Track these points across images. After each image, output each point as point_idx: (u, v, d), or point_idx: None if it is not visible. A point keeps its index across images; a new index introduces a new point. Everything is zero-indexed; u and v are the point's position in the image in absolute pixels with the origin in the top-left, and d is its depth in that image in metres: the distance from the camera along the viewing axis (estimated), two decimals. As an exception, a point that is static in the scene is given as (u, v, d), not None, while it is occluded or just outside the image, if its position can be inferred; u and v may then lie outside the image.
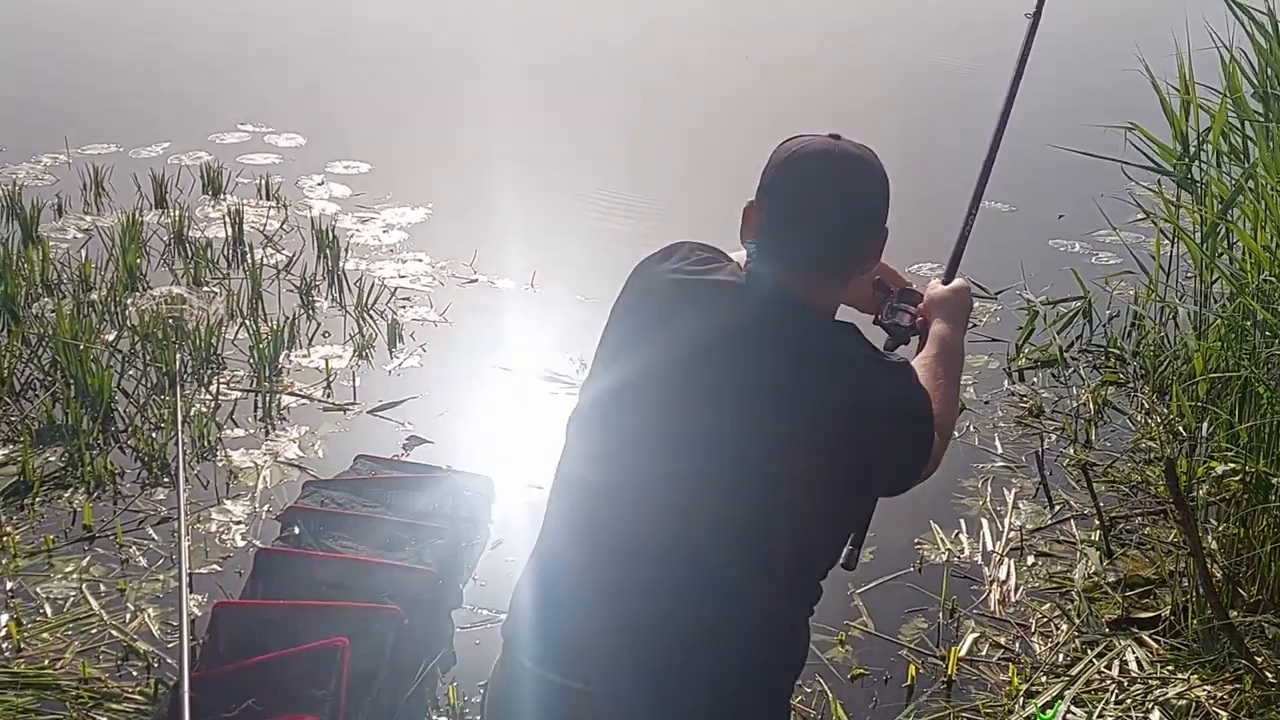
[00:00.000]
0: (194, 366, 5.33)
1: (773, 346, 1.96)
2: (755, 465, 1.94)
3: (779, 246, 2.01)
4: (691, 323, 2.00)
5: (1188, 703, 3.50)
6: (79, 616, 3.87)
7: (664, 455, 1.97)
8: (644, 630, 1.97)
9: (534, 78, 9.96)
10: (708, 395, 1.96)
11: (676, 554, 1.96)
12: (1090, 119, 5.88)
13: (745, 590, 1.97)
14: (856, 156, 2.02)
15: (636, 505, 1.98)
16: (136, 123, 8.43)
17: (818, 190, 1.98)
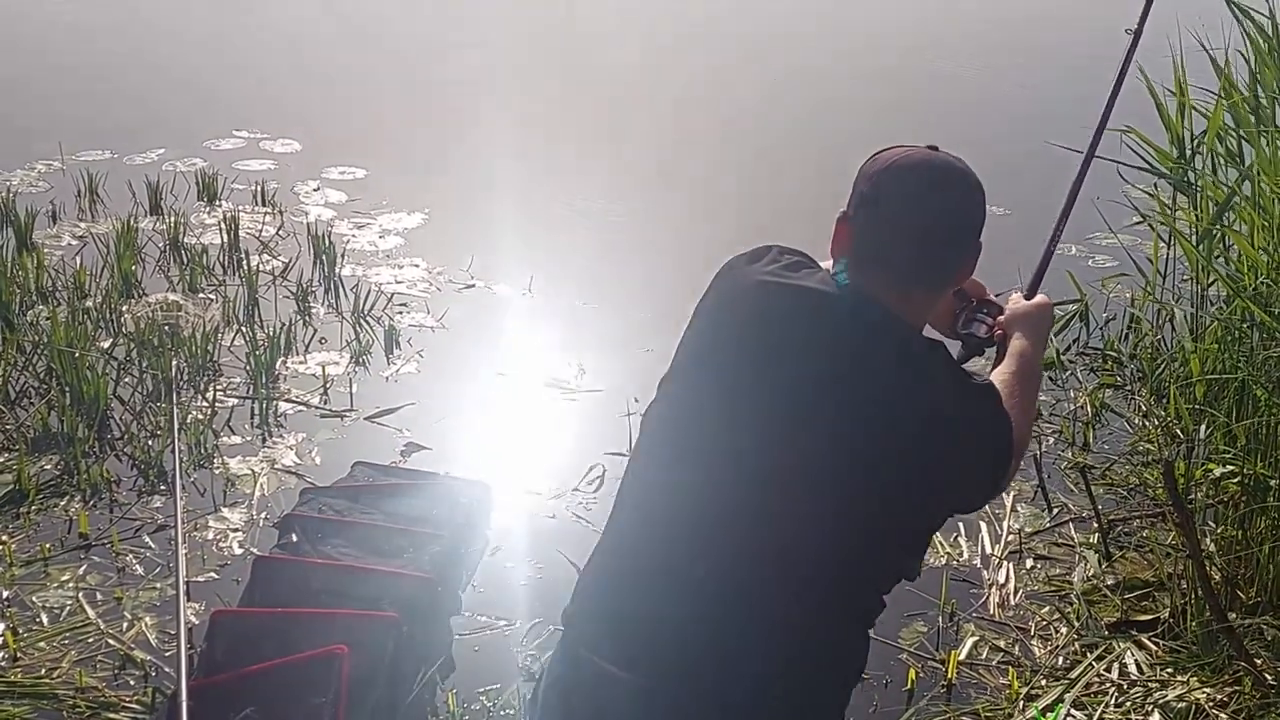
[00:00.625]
0: (190, 373, 5.31)
1: (861, 360, 1.94)
2: (832, 478, 1.92)
3: (875, 258, 1.98)
4: (777, 330, 1.98)
5: (1187, 705, 3.50)
6: (76, 625, 3.85)
7: (742, 463, 1.95)
8: (704, 629, 1.95)
9: (531, 82, 9.96)
10: (788, 404, 1.94)
11: (744, 558, 1.94)
12: (1087, 122, 5.87)
13: (811, 599, 1.96)
14: (957, 169, 2.01)
15: (711, 509, 1.96)
16: (131, 129, 8.43)
17: (918, 203, 1.96)
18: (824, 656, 2.00)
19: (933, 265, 2.00)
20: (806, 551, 1.95)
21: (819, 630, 1.99)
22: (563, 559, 4.15)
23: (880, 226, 1.98)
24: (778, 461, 1.93)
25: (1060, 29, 11.65)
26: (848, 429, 1.92)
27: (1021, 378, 2.20)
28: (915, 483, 1.95)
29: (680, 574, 1.97)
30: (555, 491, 4.63)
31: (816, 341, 1.96)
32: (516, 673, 3.73)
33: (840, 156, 8.10)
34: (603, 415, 5.09)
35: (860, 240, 2.00)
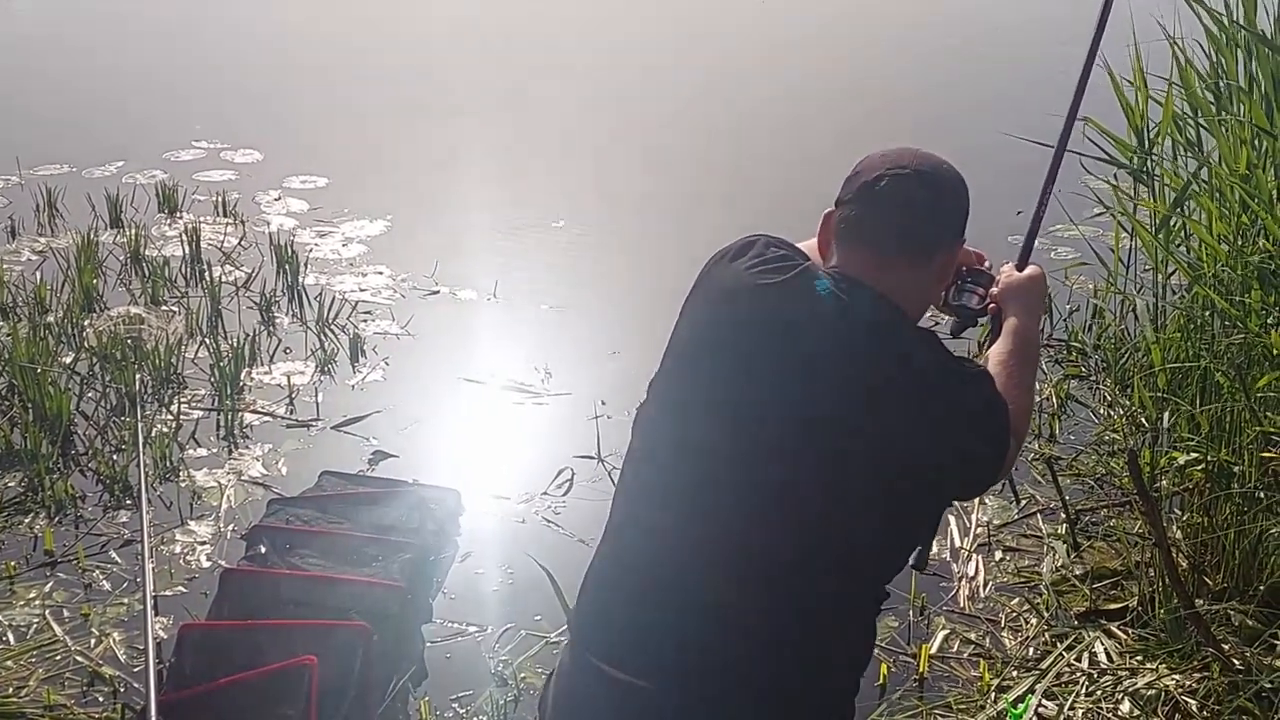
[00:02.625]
0: (154, 387, 5.28)
1: (850, 351, 1.95)
2: (828, 469, 1.93)
3: (858, 236, 2.03)
4: (766, 327, 1.99)
5: (1157, 692, 3.52)
6: (43, 643, 3.82)
7: (742, 463, 1.95)
8: (704, 628, 1.95)
9: (491, 87, 9.94)
10: (784, 401, 1.94)
11: (741, 556, 1.94)
12: (1045, 111, 5.91)
13: (812, 591, 1.96)
14: (939, 160, 2.09)
15: (713, 510, 1.96)
16: (89, 142, 8.36)
17: (897, 181, 2.02)
18: (836, 646, 2.01)
19: (911, 235, 2.03)
20: (811, 547, 1.95)
21: (829, 623, 1.99)
22: (533, 563, 4.14)
23: (862, 207, 2.03)
24: (777, 459, 1.94)
25: (1012, 19, 11.71)
26: (844, 422, 1.93)
27: (1020, 356, 2.21)
28: (914, 470, 1.96)
29: (684, 579, 1.97)
30: (524, 496, 4.62)
31: (807, 337, 1.96)
32: (489, 679, 3.72)
33: (811, 165, 8.14)
34: (570, 419, 5.08)
35: (844, 223, 2.05)
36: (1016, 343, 2.22)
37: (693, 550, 1.96)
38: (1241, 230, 4.24)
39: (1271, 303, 4.02)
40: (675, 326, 2.11)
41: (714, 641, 1.95)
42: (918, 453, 1.95)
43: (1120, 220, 5.41)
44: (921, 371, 1.98)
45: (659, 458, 2.04)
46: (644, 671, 1.95)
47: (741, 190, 7.74)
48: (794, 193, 7.72)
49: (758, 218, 7.31)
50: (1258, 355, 3.95)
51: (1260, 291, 3.95)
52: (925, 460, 1.97)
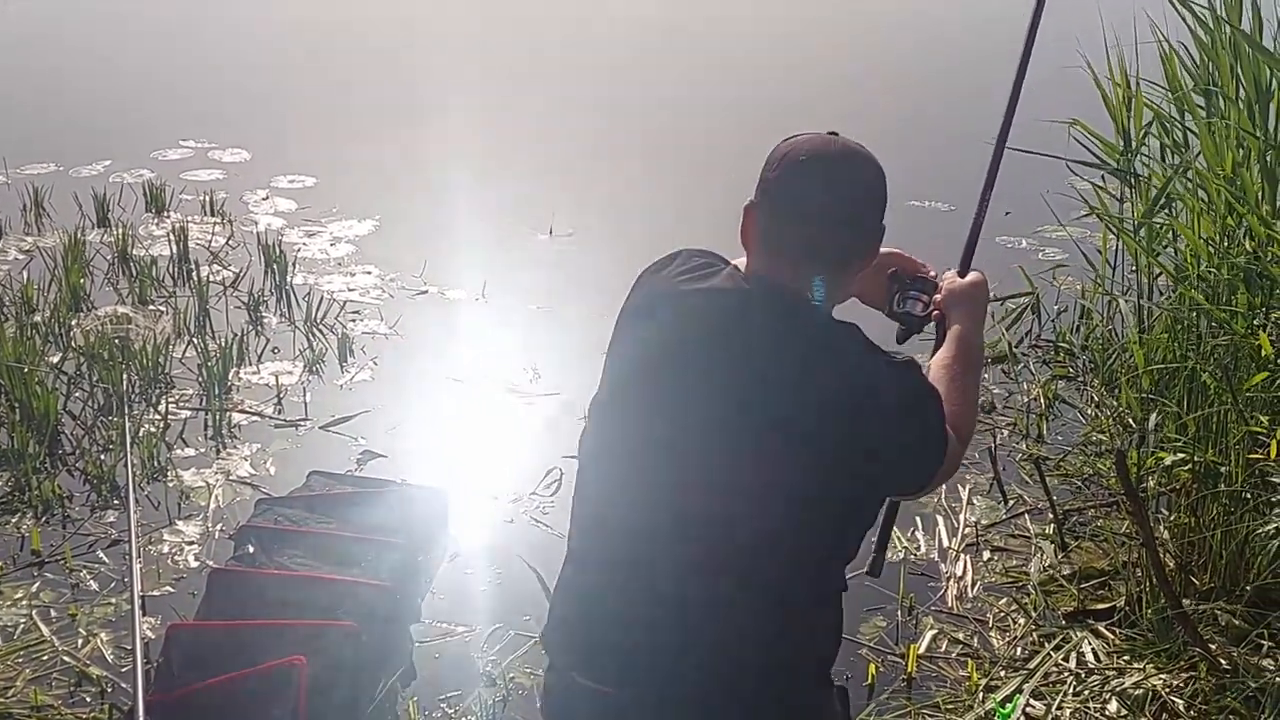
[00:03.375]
0: (142, 386, 5.27)
1: (772, 346, 1.96)
2: (758, 465, 1.93)
3: (779, 242, 2.00)
4: (693, 333, 2.00)
5: (1144, 692, 3.53)
6: (30, 644, 3.81)
7: (669, 462, 1.98)
8: (658, 632, 1.98)
9: (480, 87, 9.94)
10: (709, 399, 1.96)
11: (685, 558, 1.97)
12: (1033, 115, 5.92)
13: (767, 587, 1.98)
14: (854, 151, 2.02)
15: (646, 513, 1.99)
16: (76, 141, 8.35)
17: (817, 184, 1.98)
18: (795, 642, 2.03)
19: (828, 246, 2.00)
20: (759, 547, 1.96)
21: (787, 620, 2.00)
22: (522, 564, 4.15)
23: (777, 212, 2.00)
24: (717, 462, 1.95)
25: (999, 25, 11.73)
26: (776, 420, 1.94)
27: (963, 361, 2.21)
28: (850, 462, 1.96)
29: (643, 587, 1.99)
30: (513, 496, 4.61)
31: (733, 338, 1.97)
32: (478, 679, 3.71)
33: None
34: (559, 419, 5.08)
35: (761, 227, 2.03)
36: (960, 348, 2.23)
37: (649, 556, 1.99)
38: (1227, 232, 4.26)
39: (1258, 304, 4.04)
40: (611, 340, 2.12)
41: (682, 644, 1.97)
42: (846, 442, 1.95)
43: (1106, 222, 5.43)
44: (847, 364, 1.97)
45: (604, 476, 2.08)
46: (605, 677, 2.00)
47: (733, 191, 7.74)
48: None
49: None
50: (1244, 356, 3.97)
51: (1246, 294, 3.96)
52: (852, 449, 1.96)
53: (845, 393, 1.94)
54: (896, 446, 2.00)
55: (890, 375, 1.99)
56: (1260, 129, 4.32)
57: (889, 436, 1.98)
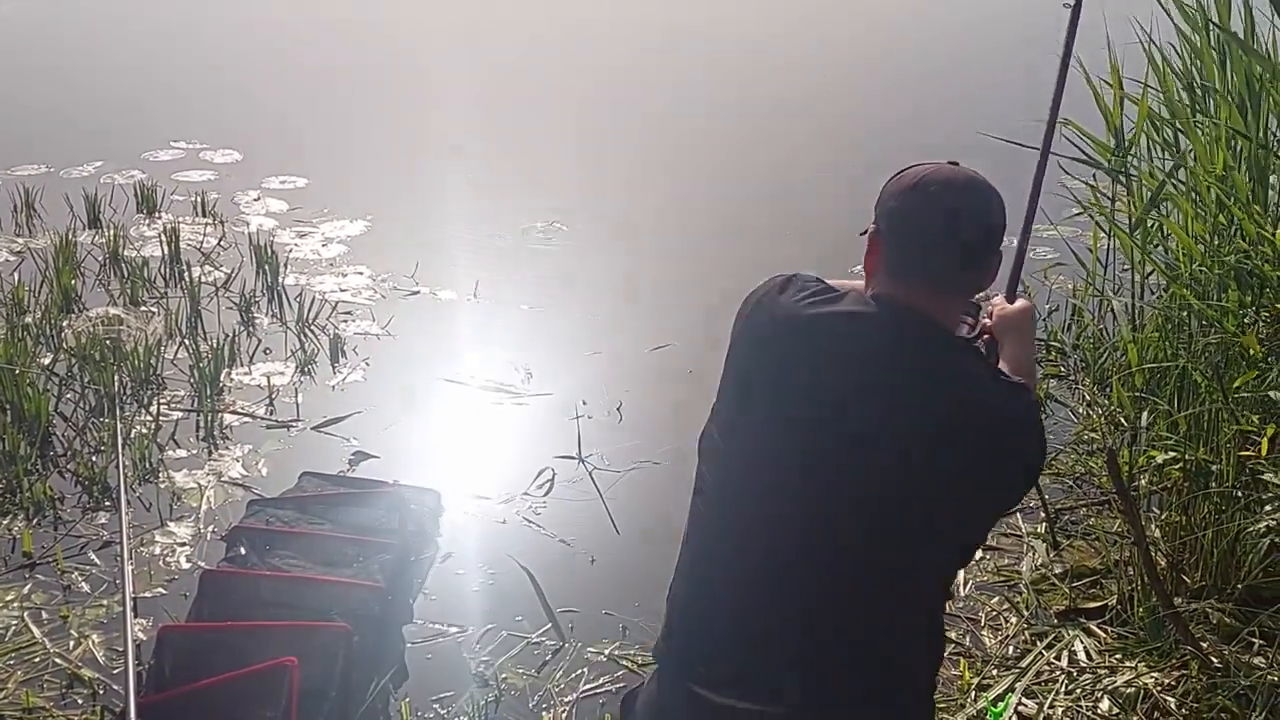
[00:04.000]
0: (133, 388, 5.26)
1: (903, 368, 1.98)
2: (891, 485, 1.96)
3: (909, 269, 2.02)
4: (828, 354, 2.01)
5: (1136, 690, 3.53)
6: (21, 645, 3.80)
7: (804, 483, 1.98)
8: (793, 643, 1.99)
9: (471, 88, 9.94)
10: (842, 421, 1.97)
11: (821, 575, 1.98)
12: (1024, 114, 5.93)
13: (883, 604, 2.01)
14: (980, 182, 2.06)
15: (781, 534, 1.99)
16: (67, 142, 8.35)
17: (949, 215, 2.00)
18: (918, 658, 2.06)
19: (963, 273, 2.04)
20: (894, 565, 2.00)
21: (914, 635, 2.05)
22: (514, 564, 4.14)
23: (912, 238, 2.02)
24: (852, 483, 1.96)
25: (993, 26, 11.76)
26: (909, 440, 1.96)
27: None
28: (978, 481, 2.00)
29: (776, 605, 1.99)
30: (505, 497, 4.61)
31: (864, 361, 1.99)
32: (470, 680, 3.71)
33: (793, 168, 8.15)
34: (551, 419, 5.08)
35: (894, 254, 2.04)
36: (1018, 370, 2.26)
37: (781, 575, 1.99)
38: (1218, 230, 4.26)
39: (1248, 303, 4.04)
40: (729, 360, 2.10)
41: (804, 655, 1.98)
42: (982, 465, 1.99)
43: (1099, 221, 5.44)
44: (985, 390, 2.02)
45: (734, 496, 2.05)
46: (742, 692, 1.98)
47: (722, 192, 7.77)
48: (775, 195, 7.75)
49: (739, 219, 7.35)
50: (1235, 355, 3.97)
51: (1237, 292, 3.96)
52: (985, 471, 2.00)
53: (977, 414, 1.98)
54: (1022, 467, 2.06)
55: (1014, 396, 2.04)
56: (1252, 128, 4.32)
57: (1017, 456, 2.04)
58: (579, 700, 3.64)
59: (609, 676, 3.73)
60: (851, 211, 7.35)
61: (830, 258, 6.64)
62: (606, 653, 3.83)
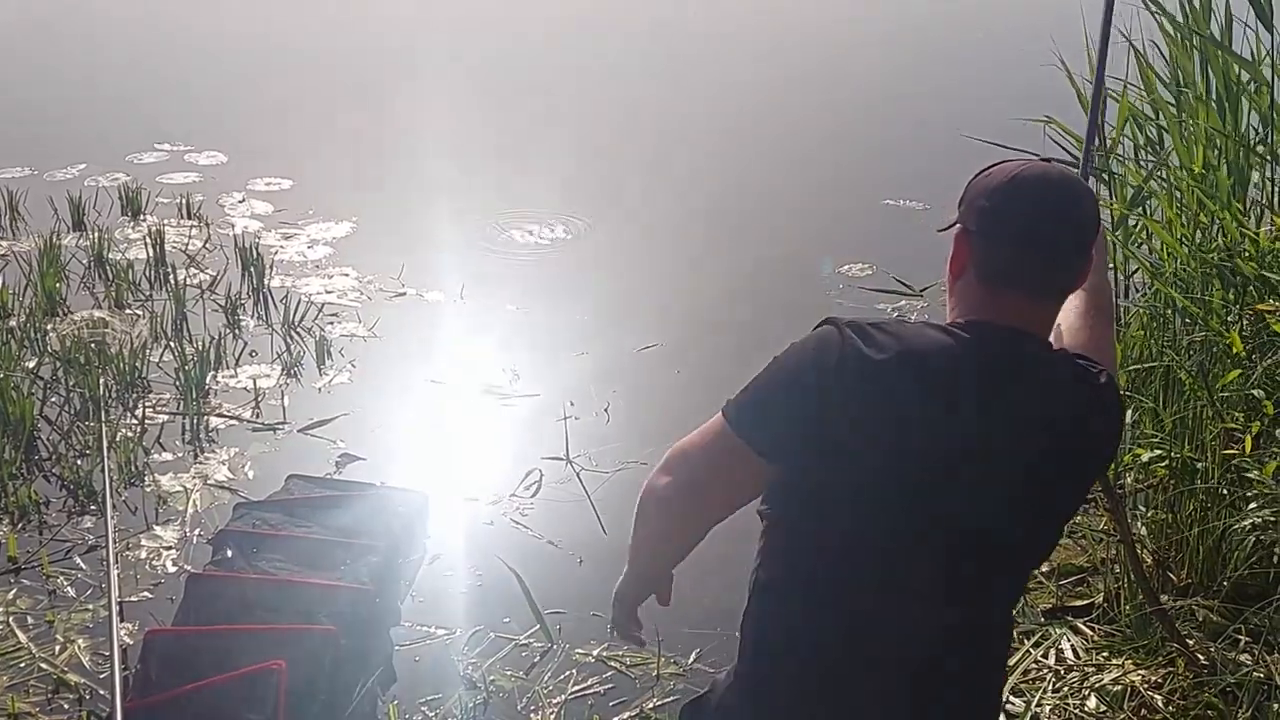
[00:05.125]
0: (118, 391, 5.24)
1: (1028, 391, 1.90)
2: (1018, 509, 1.92)
3: (1008, 274, 1.91)
4: (940, 402, 1.87)
5: (1123, 688, 3.54)
6: (6, 650, 3.78)
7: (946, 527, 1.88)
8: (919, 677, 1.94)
9: (453, 89, 9.93)
10: (969, 452, 1.87)
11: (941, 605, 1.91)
12: (1009, 114, 5.95)
13: (998, 620, 2.04)
14: (1074, 178, 1.97)
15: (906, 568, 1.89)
16: (50, 144, 8.31)
17: (1047, 213, 1.90)
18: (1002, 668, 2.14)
19: (1067, 274, 1.95)
20: (1010, 587, 2.03)
21: (1004, 648, 2.09)
22: (501, 565, 4.14)
23: (1010, 241, 1.91)
24: (980, 513, 1.89)
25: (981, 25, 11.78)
26: (1027, 472, 1.91)
27: (1106, 313, 2.28)
28: (1083, 489, 2.06)
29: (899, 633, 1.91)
30: (493, 498, 4.61)
31: (982, 402, 1.88)
32: (458, 682, 3.71)
33: (791, 168, 8.14)
34: (539, 420, 5.08)
35: (987, 257, 1.93)
36: (1098, 298, 2.21)
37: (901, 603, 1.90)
38: (1200, 229, 4.28)
39: (1230, 299, 4.06)
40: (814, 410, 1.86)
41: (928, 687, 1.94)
42: (1095, 469, 2.05)
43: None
44: (1091, 399, 1.96)
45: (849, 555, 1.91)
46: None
47: (706, 190, 7.77)
48: (761, 192, 7.75)
49: (724, 218, 7.34)
50: (1219, 353, 3.99)
51: (1221, 290, 3.98)
52: (1094, 474, 2.06)
53: (1085, 438, 1.96)
54: (1107, 463, 2.12)
55: (1113, 396, 2.01)
56: (1230, 126, 4.34)
57: (1107, 461, 2.08)
58: (567, 702, 3.64)
59: (597, 678, 3.73)
60: (836, 213, 7.35)
61: (813, 253, 6.67)
62: (595, 654, 3.83)
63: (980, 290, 1.93)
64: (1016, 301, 1.91)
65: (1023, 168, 1.94)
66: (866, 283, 6.38)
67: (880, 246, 6.78)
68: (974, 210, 1.94)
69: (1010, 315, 1.91)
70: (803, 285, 6.36)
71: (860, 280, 6.42)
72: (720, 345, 5.78)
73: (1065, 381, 1.95)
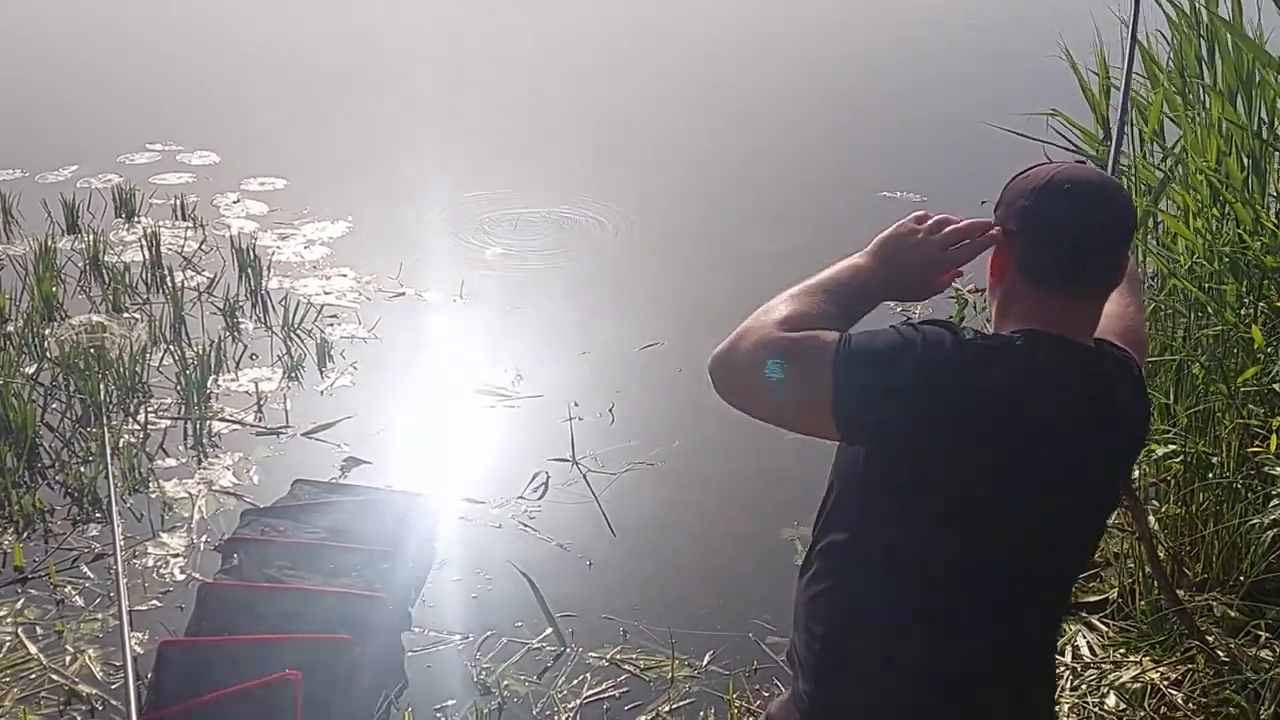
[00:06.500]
0: (119, 396, 5.19)
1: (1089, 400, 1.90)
2: (1087, 517, 1.99)
3: (1055, 275, 1.89)
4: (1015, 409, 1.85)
5: (1142, 686, 3.52)
6: (16, 662, 3.74)
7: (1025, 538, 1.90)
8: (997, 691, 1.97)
9: (447, 84, 9.88)
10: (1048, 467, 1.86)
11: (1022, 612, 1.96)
12: (1013, 107, 5.93)
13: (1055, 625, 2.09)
14: (1110, 179, 1.99)
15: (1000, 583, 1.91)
16: (41, 146, 8.25)
17: (1088, 212, 1.88)
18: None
19: (1111, 271, 1.94)
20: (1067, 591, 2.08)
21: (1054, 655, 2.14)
22: (510, 568, 4.11)
23: (1056, 241, 1.89)
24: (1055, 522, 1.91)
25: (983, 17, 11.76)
26: (1095, 469, 1.93)
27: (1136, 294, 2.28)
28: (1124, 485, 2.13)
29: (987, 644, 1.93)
30: (500, 501, 4.57)
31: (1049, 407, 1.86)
32: (471, 688, 3.68)
33: (771, 164, 8.09)
34: (543, 421, 5.04)
35: (1032, 258, 1.91)
36: (1130, 280, 2.18)
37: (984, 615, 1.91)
38: (1213, 221, 4.26)
39: (1245, 293, 4.03)
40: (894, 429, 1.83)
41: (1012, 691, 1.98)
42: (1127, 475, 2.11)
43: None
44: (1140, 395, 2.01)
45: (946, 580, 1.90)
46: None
47: (705, 187, 7.74)
48: (760, 189, 7.72)
49: (723, 214, 7.30)
50: (1234, 347, 3.97)
51: (1235, 283, 3.96)
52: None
53: (1133, 429, 2.00)
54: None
55: (1143, 383, 2.04)
56: (1247, 116, 4.31)
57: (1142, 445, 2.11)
58: (582, 706, 3.62)
59: (612, 682, 3.71)
60: (835, 207, 7.32)
61: (814, 247, 6.63)
62: (608, 657, 3.80)
63: (1027, 292, 1.92)
64: (1065, 302, 1.90)
65: (1061, 168, 1.94)
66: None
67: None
68: (1015, 211, 1.93)
69: (1060, 317, 1.90)
70: (803, 279, 6.31)
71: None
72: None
73: (1114, 381, 1.95)
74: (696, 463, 4.83)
